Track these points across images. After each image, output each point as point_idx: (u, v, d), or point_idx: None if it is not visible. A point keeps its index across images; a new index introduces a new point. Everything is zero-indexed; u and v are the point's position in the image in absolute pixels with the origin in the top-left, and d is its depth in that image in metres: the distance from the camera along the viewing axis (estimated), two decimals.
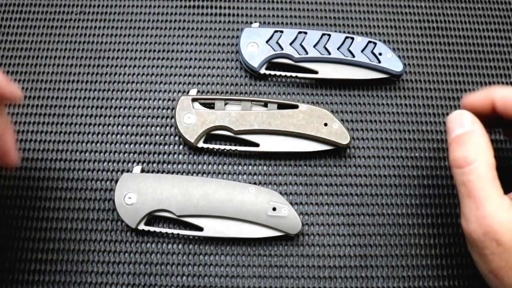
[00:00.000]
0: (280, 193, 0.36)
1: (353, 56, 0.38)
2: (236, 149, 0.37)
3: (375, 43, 0.39)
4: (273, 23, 0.42)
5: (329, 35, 0.39)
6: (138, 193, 0.34)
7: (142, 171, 0.36)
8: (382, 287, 0.34)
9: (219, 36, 0.41)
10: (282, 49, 0.38)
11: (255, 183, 0.36)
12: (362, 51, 0.38)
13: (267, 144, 0.36)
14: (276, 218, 0.33)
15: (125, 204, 0.33)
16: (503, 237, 0.26)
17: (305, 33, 0.39)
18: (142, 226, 0.34)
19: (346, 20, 0.42)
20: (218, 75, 0.40)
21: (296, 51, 0.38)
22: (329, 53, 0.38)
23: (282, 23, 0.42)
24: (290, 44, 0.39)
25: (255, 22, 0.41)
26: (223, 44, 0.41)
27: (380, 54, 0.38)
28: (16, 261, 0.34)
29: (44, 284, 0.33)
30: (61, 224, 0.35)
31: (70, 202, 0.35)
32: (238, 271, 0.34)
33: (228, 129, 0.36)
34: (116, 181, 0.35)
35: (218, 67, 0.40)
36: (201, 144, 0.36)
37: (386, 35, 0.42)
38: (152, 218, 0.35)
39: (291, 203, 0.35)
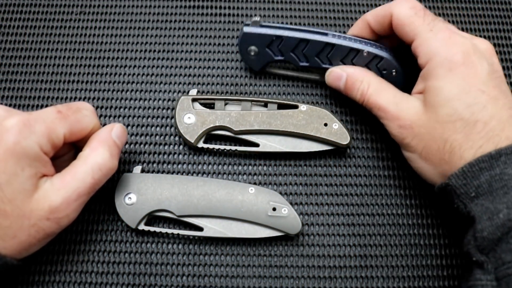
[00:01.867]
0: (280, 193, 0.36)
1: None
2: (236, 149, 0.37)
3: (381, 58, 0.36)
4: (273, 23, 0.42)
5: (333, 46, 0.36)
6: (138, 193, 0.34)
7: (142, 171, 0.36)
8: (382, 287, 0.34)
9: (219, 36, 0.41)
10: (283, 55, 0.37)
11: (255, 183, 0.36)
12: (366, 64, 0.36)
13: (267, 144, 0.36)
14: (276, 218, 0.33)
15: (125, 204, 0.33)
16: (411, 121, 0.32)
17: (308, 41, 0.36)
18: (142, 226, 0.34)
19: (346, 20, 0.42)
20: (218, 75, 0.40)
21: (297, 58, 0.37)
22: (331, 64, 0.37)
23: (282, 23, 0.42)
24: (292, 51, 0.37)
25: (255, 15, 0.41)
26: (223, 44, 0.41)
27: (384, 70, 0.36)
28: None
29: (44, 284, 0.33)
30: None
31: None
32: (238, 271, 0.34)
33: (228, 129, 0.36)
34: (116, 181, 0.35)
35: (218, 67, 0.40)
36: (201, 144, 0.36)
37: None
38: (152, 218, 0.35)
39: (291, 203, 0.35)
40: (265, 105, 0.37)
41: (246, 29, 0.37)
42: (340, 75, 0.36)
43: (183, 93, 0.39)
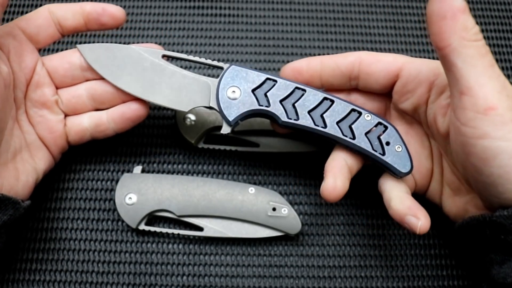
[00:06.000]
0: (280, 193, 0.36)
1: (353, 138, 0.30)
2: (236, 149, 0.37)
3: (386, 127, 0.30)
4: (273, 23, 0.42)
5: (332, 102, 0.30)
6: (139, 193, 0.34)
7: (143, 171, 0.36)
8: (381, 287, 0.34)
9: (219, 36, 0.41)
10: (269, 105, 0.30)
11: (255, 183, 0.36)
12: (366, 133, 0.30)
13: (267, 144, 0.36)
14: (276, 218, 0.33)
15: (126, 204, 0.34)
16: None
17: (304, 90, 0.30)
18: (142, 226, 0.34)
19: (346, 20, 0.42)
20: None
21: (286, 112, 0.30)
22: (325, 126, 0.30)
23: (282, 23, 0.42)
24: (281, 101, 0.30)
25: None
26: (223, 44, 0.41)
27: (387, 143, 0.30)
28: (17, 261, 0.34)
29: (45, 283, 0.33)
30: (61, 224, 0.35)
31: (70, 202, 0.36)
32: (238, 271, 0.34)
33: None
34: (117, 181, 0.35)
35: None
36: (201, 144, 0.36)
37: (386, 35, 0.42)
38: (153, 218, 0.35)
39: (291, 203, 0.35)
40: None
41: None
42: None
43: None
